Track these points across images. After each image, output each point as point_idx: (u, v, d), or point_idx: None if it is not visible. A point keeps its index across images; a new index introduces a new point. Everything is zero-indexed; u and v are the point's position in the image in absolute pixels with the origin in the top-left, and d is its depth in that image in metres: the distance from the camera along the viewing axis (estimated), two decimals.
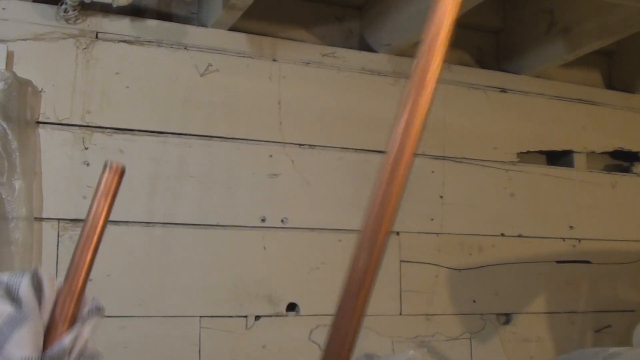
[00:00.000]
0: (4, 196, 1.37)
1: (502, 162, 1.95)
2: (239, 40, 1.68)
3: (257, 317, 1.62)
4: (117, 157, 1.53)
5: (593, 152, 2.10)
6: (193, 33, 1.64)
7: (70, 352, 0.53)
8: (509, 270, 1.91)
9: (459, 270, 1.86)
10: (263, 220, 1.65)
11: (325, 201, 1.72)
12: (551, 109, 2.04)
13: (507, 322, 1.91)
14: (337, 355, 0.46)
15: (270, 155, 1.68)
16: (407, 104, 0.47)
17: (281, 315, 1.65)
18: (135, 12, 1.61)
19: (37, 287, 0.54)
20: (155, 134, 1.58)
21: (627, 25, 1.72)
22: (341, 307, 0.46)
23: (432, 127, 1.86)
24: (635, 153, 2.16)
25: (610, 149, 2.13)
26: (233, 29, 1.66)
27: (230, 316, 1.60)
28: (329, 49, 1.78)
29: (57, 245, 1.46)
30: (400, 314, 1.76)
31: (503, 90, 1.98)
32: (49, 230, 1.46)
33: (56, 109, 1.49)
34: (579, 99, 2.09)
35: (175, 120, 1.60)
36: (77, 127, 1.51)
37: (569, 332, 1.98)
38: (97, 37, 1.55)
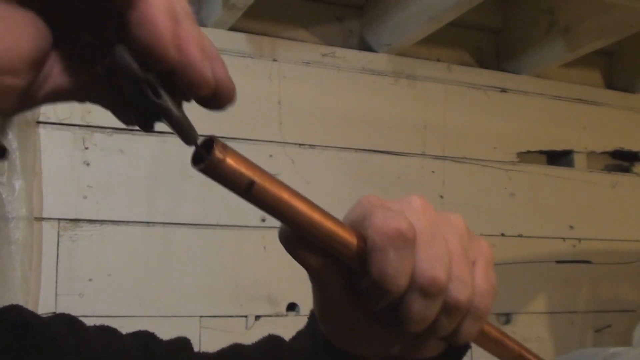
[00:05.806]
0: (4, 196, 1.37)
1: (502, 162, 1.95)
2: (239, 40, 1.68)
3: (257, 317, 1.62)
4: (117, 157, 1.53)
5: (593, 152, 2.10)
6: None
7: None
8: (509, 270, 1.91)
9: None
10: (263, 220, 1.64)
11: (325, 201, 1.70)
12: (551, 109, 2.04)
13: (507, 321, 1.91)
14: None
15: (270, 155, 1.68)
16: None
17: (281, 315, 1.65)
18: None
19: None
20: (155, 133, 1.57)
21: (627, 25, 1.72)
22: None
23: (432, 127, 1.86)
24: (636, 153, 2.16)
25: (610, 149, 2.12)
26: (233, 28, 1.66)
27: (230, 316, 1.60)
28: (329, 49, 1.78)
29: (57, 245, 1.46)
30: None
31: (503, 90, 1.98)
32: (49, 230, 1.45)
33: (56, 109, 1.49)
34: (579, 99, 2.09)
35: None
36: (77, 127, 1.51)
37: (569, 332, 1.98)
38: None
